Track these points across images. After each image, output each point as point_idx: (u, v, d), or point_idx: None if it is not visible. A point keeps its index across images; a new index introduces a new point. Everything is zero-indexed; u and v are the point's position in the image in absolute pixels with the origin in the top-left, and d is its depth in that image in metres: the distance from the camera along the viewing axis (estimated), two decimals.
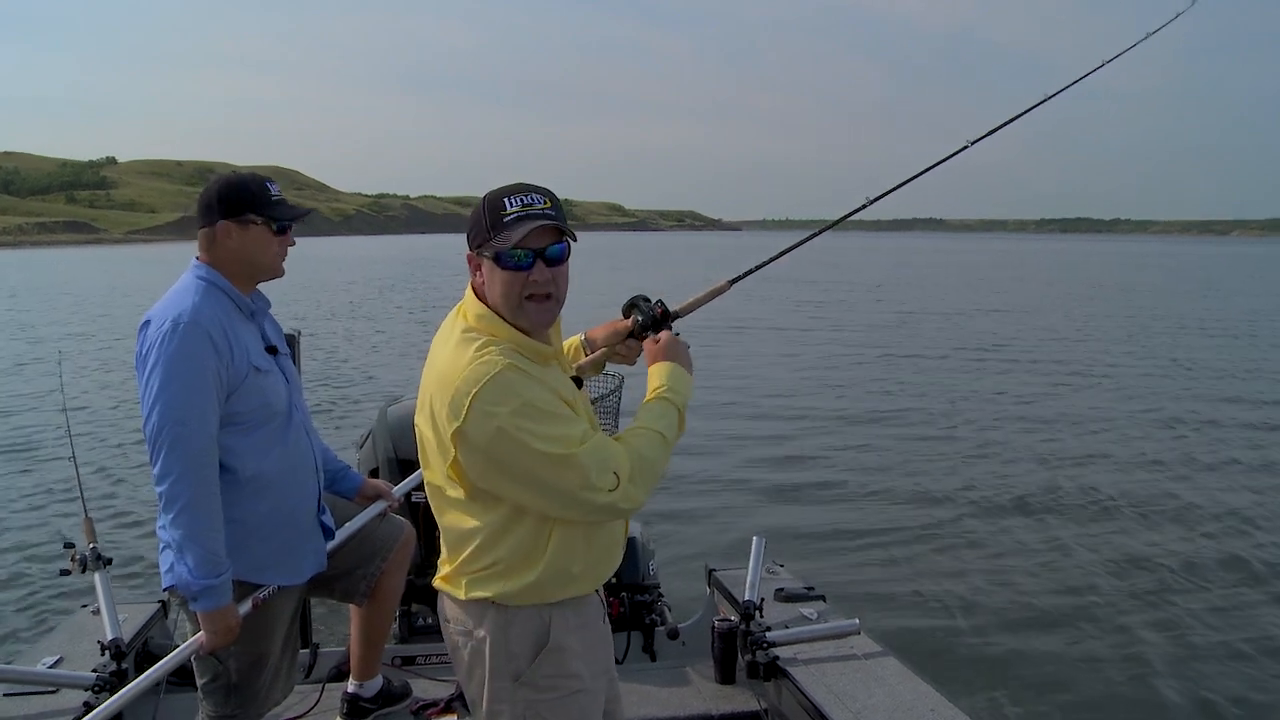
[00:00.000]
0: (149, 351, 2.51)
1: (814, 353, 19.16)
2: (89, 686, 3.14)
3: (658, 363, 2.25)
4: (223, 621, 2.55)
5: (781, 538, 6.17)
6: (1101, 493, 8.87)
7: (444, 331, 2.11)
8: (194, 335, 2.50)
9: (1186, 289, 42.63)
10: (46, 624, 5.24)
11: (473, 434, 1.90)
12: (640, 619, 4.07)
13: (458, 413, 1.90)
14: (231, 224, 2.66)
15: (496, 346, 1.96)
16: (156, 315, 2.56)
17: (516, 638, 2.04)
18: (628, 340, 2.36)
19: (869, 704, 3.10)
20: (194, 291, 2.62)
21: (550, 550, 2.03)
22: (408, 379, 14.69)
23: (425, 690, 3.53)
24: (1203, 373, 16.55)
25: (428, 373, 2.07)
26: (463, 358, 1.95)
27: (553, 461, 1.90)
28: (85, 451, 9.67)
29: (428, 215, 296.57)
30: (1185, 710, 4.99)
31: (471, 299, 2.08)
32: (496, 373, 1.90)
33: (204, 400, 2.49)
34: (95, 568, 3.55)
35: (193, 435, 2.47)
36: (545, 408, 1.93)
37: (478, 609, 2.06)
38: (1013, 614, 6.14)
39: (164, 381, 2.47)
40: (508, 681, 2.05)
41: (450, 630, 2.15)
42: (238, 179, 2.73)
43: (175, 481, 2.46)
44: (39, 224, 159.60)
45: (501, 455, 1.90)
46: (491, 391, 1.89)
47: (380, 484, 3.26)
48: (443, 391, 1.95)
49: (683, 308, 2.41)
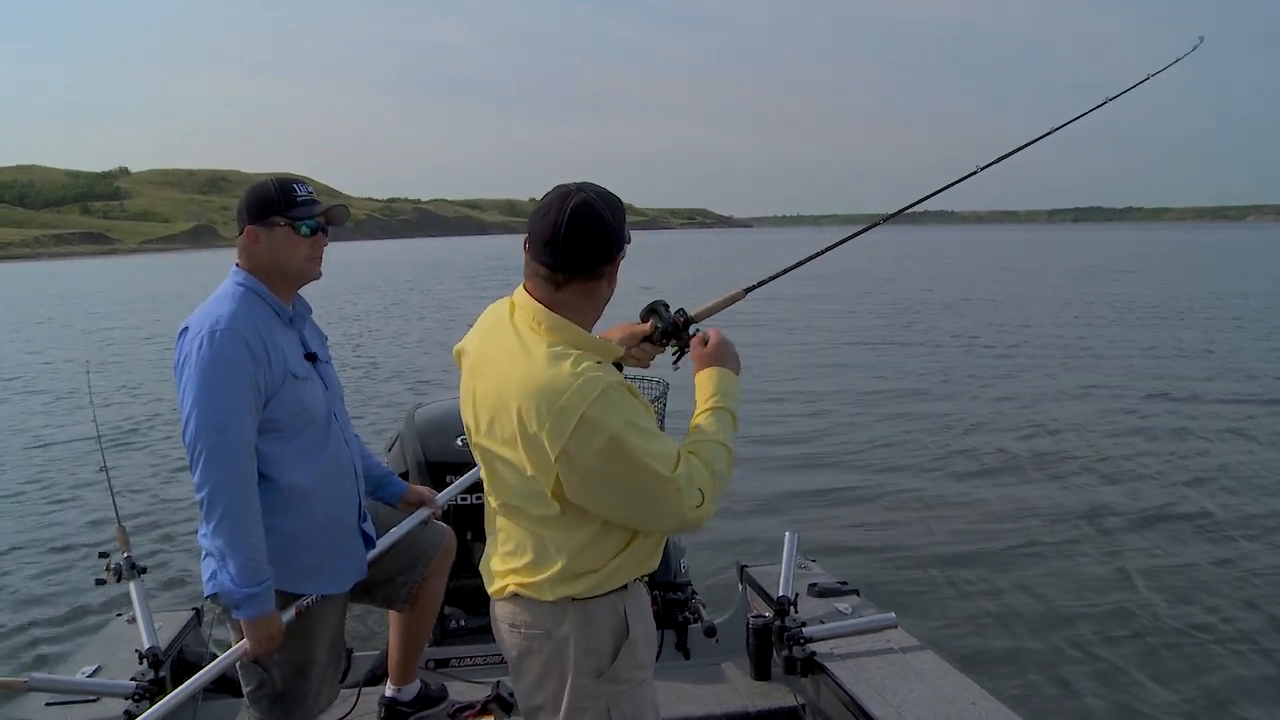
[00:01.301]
0: (186, 358, 2.50)
1: (831, 345, 19.11)
2: (129, 695, 3.15)
3: (708, 368, 2.23)
4: (265, 630, 2.54)
5: (809, 533, 6.13)
6: (1146, 487, 8.74)
7: (503, 341, 2.04)
8: (231, 342, 2.49)
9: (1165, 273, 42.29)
10: (83, 633, 5.27)
11: (578, 452, 1.88)
12: (674, 617, 4.05)
13: (562, 431, 1.87)
14: (258, 228, 2.65)
15: (592, 362, 1.94)
16: (194, 322, 2.55)
17: (596, 634, 2.04)
18: (644, 344, 2.34)
19: (909, 698, 3.07)
20: (232, 298, 2.61)
21: (631, 547, 2.05)
22: (432, 381, 14.79)
23: (461, 692, 3.53)
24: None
25: (490, 385, 2.03)
26: (560, 373, 1.90)
27: (657, 480, 1.91)
28: (115, 459, 9.72)
29: (439, 218, 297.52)
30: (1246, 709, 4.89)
31: (538, 307, 2.01)
32: (603, 390, 1.88)
33: (242, 407, 2.48)
34: (130, 577, 3.56)
35: (231, 442, 2.46)
36: (646, 426, 1.93)
37: (558, 609, 2.04)
38: (1050, 607, 6.06)
39: (201, 389, 2.46)
40: (590, 679, 2.04)
41: (521, 635, 2.10)
42: (261, 183, 2.73)
43: (214, 489, 2.45)
44: (55, 236, 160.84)
45: (607, 473, 1.90)
46: (600, 409, 1.87)
47: (424, 491, 3.22)
48: (537, 407, 1.90)
49: (700, 313, 2.41)
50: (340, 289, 39.14)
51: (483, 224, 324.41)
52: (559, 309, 2.00)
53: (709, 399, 2.17)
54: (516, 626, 2.10)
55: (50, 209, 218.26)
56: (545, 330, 1.99)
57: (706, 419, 2.14)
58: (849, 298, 30.14)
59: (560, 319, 1.99)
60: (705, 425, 2.13)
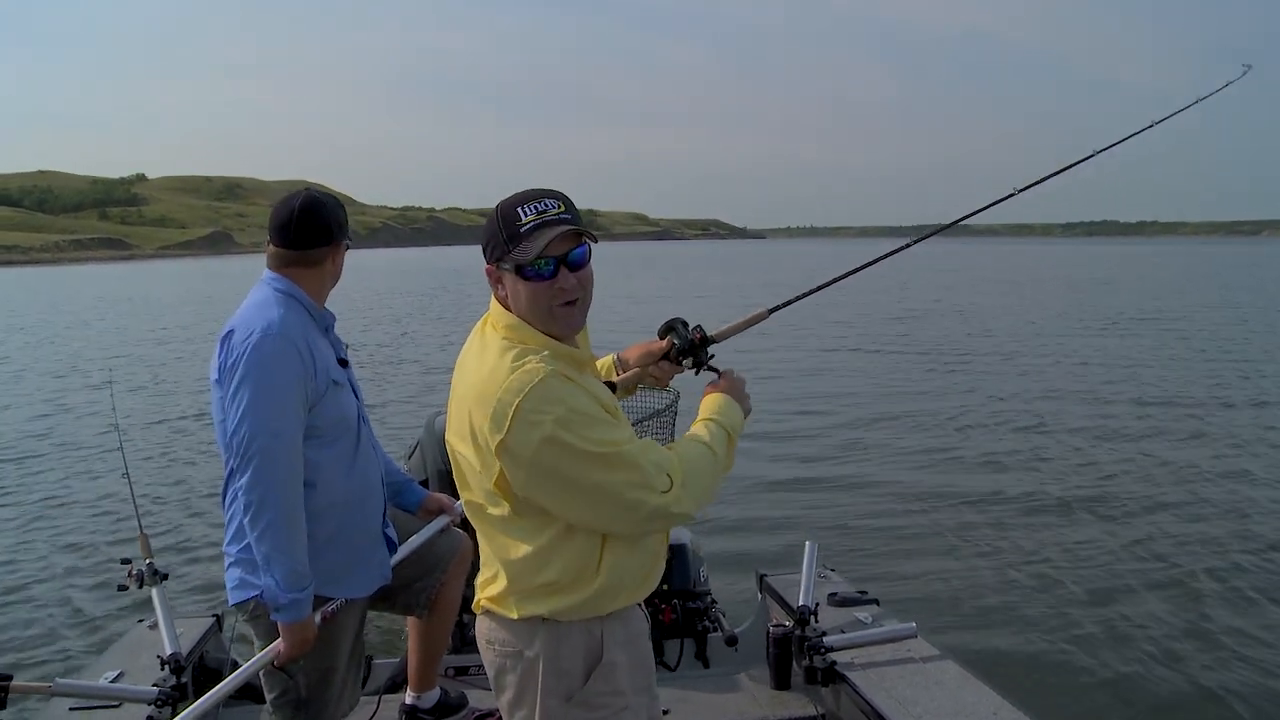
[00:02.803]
0: (237, 362, 2.51)
1: (848, 355, 19.13)
2: (151, 701, 3.17)
3: (712, 394, 2.23)
4: (302, 633, 2.57)
5: (828, 543, 6.12)
6: (1163, 489, 8.72)
7: (472, 345, 2.07)
8: (283, 346, 2.52)
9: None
10: (106, 639, 5.29)
11: (517, 445, 1.85)
12: (693, 626, 4.05)
13: (501, 424, 1.85)
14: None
15: (535, 355, 1.92)
16: (241, 326, 2.57)
17: (569, 655, 1.99)
18: (661, 362, 2.32)
19: (930, 708, 3.06)
20: (276, 304, 2.63)
21: (603, 565, 1.99)
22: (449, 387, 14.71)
23: (480, 700, 3.53)
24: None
25: (459, 388, 2.03)
26: (500, 368, 1.91)
27: (603, 462, 1.87)
28: (135, 466, 9.77)
29: (453, 227, 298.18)
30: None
31: (499, 310, 2.03)
32: (539, 380, 1.86)
33: (294, 412, 2.51)
34: (152, 583, 3.59)
35: (285, 447, 2.48)
36: (590, 413, 1.90)
37: (528, 628, 2.00)
38: (1070, 617, 6.03)
39: (255, 392, 2.48)
40: (560, 701, 1.99)
41: (495, 653, 2.07)
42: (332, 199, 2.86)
43: (266, 493, 2.46)
44: (74, 241, 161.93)
45: (549, 463, 1.86)
46: (535, 399, 1.85)
47: (443, 498, 3.24)
48: (482, 404, 1.90)
49: (720, 333, 2.37)
50: (356, 294, 39.34)
51: None
52: (505, 305, 2.01)
53: (707, 417, 2.18)
54: (492, 643, 2.07)
55: (68, 214, 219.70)
56: (501, 329, 2.00)
57: (698, 428, 2.15)
58: (870, 308, 30.07)
59: (512, 317, 1.99)
60: (694, 433, 2.14)
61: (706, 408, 2.21)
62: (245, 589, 2.64)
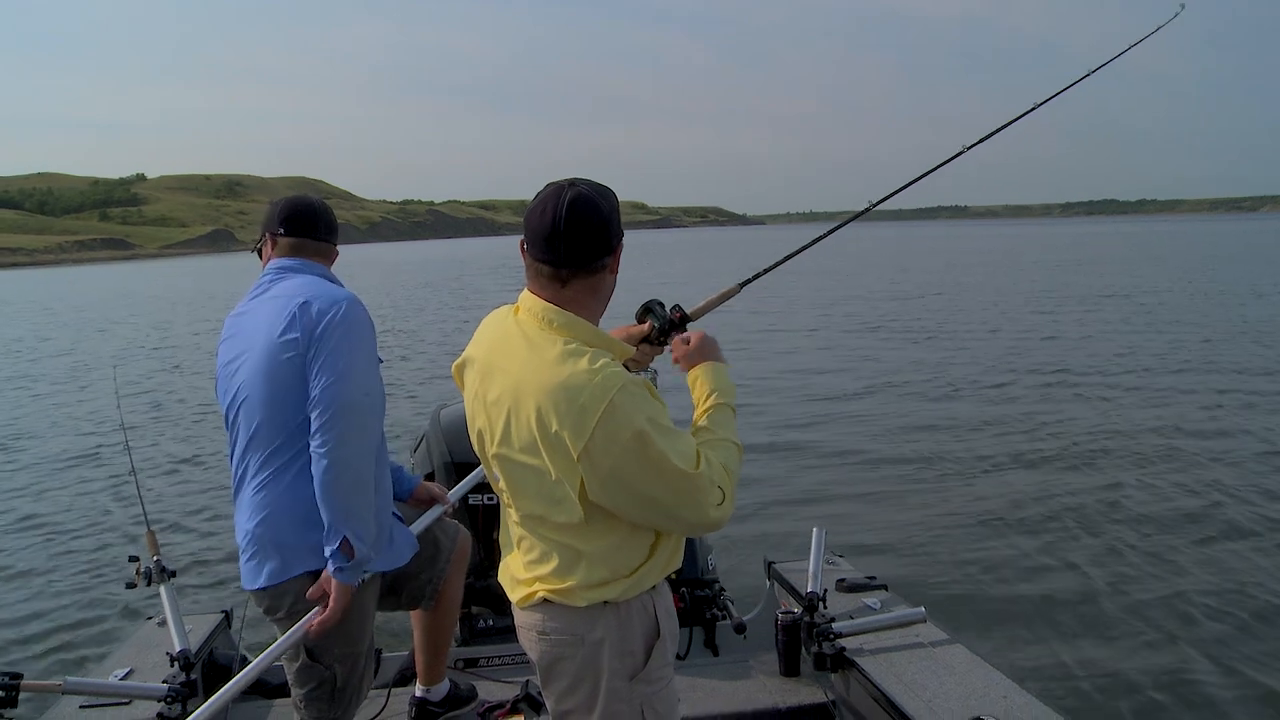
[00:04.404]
0: (325, 327, 2.51)
1: (852, 339, 19.02)
2: (161, 698, 3.17)
3: (700, 364, 2.20)
4: (348, 598, 2.54)
5: (836, 528, 6.10)
6: (1177, 470, 8.67)
7: (511, 344, 1.99)
8: (367, 315, 2.63)
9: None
10: (115, 636, 5.31)
11: (600, 451, 1.82)
12: (702, 614, 4.04)
13: (583, 430, 1.82)
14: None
15: (608, 359, 1.89)
16: (316, 297, 2.59)
17: (632, 636, 2.01)
18: (642, 345, 2.31)
19: (940, 692, 3.05)
20: (333, 281, 2.74)
21: (658, 547, 2.03)
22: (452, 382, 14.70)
23: (490, 692, 3.54)
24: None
25: (505, 391, 1.96)
26: (575, 370, 1.85)
27: (681, 478, 1.87)
28: (141, 464, 9.78)
29: (453, 221, 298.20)
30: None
31: (549, 307, 1.95)
32: (623, 385, 1.84)
33: (378, 375, 2.60)
34: (160, 580, 3.58)
35: (375, 406, 2.55)
36: (668, 424, 1.89)
37: (591, 614, 2.00)
38: (1080, 599, 6.01)
39: (354, 354, 2.51)
40: (625, 681, 2.01)
41: (550, 642, 2.05)
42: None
43: (354, 452, 2.46)
44: (77, 242, 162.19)
45: (629, 472, 1.85)
46: (622, 405, 1.82)
47: (434, 487, 3.22)
48: (556, 407, 1.85)
49: (697, 310, 2.38)
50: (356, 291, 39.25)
51: (495, 225, 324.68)
52: (568, 306, 1.95)
53: (708, 397, 2.14)
54: (546, 634, 2.05)
55: (70, 215, 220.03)
56: (557, 329, 1.93)
57: (710, 417, 2.11)
58: (869, 288, 30.04)
59: (572, 316, 1.94)
60: (711, 424, 2.10)
61: (705, 384, 2.16)
62: (290, 568, 2.58)
